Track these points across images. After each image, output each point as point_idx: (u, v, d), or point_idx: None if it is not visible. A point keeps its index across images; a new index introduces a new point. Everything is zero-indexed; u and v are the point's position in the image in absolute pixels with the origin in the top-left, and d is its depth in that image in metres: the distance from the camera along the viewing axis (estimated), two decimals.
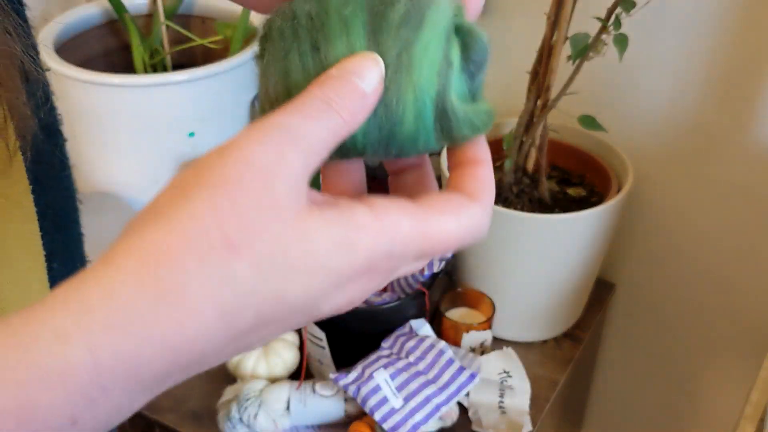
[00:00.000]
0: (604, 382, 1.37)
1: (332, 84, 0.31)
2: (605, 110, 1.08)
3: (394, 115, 0.32)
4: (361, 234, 0.29)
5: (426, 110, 0.32)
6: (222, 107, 1.12)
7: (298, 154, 0.29)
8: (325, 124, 0.30)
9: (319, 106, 0.30)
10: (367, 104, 0.31)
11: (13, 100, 0.35)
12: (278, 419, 0.91)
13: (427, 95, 0.32)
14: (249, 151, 0.28)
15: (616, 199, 0.98)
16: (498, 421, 0.94)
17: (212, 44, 1.16)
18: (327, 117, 0.30)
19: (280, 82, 0.33)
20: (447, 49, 0.33)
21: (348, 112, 0.31)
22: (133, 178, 1.12)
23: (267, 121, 0.29)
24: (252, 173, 0.27)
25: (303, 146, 0.29)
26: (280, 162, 0.28)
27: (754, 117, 1.02)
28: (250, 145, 0.28)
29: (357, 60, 0.31)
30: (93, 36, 1.21)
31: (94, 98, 1.05)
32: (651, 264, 1.21)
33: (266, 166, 0.28)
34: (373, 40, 0.32)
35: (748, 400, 0.92)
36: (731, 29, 0.99)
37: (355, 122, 0.31)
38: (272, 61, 0.33)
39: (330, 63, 0.32)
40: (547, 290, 1.04)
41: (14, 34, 0.34)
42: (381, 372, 0.88)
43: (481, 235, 0.33)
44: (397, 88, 0.32)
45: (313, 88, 0.31)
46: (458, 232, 0.32)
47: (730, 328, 1.19)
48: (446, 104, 0.33)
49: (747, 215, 1.09)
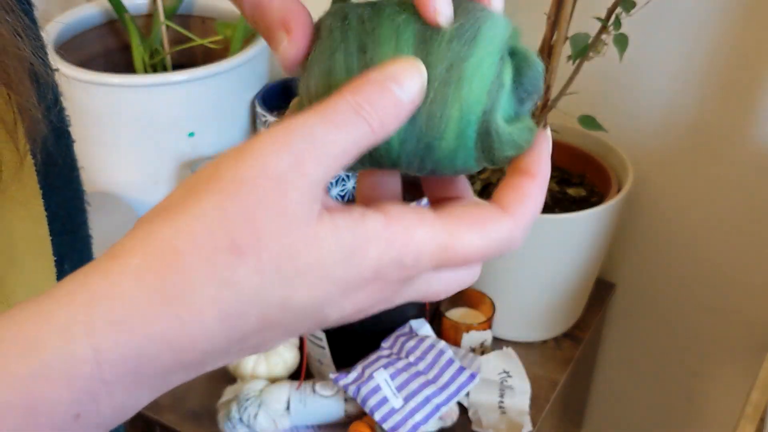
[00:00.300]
0: (604, 382, 1.37)
1: (366, 89, 0.30)
2: (605, 110, 1.08)
3: (436, 128, 0.31)
4: (371, 243, 0.29)
5: (470, 128, 0.31)
6: (222, 107, 1.12)
7: (316, 163, 0.28)
8: (350, 133, 0.29)
9: (347, 113, 0.29)
10: (401, 113, 0.30)
11: (23, 103, 0.35)
12: (278, 419, 0.91)
13: (473, 113, 0.31)
14: (266, 156, 0.27)
15: (616, 199, 0.98)
16: (498, 421, 0.94)
17: (212, 44, 1.16)
18: (354, 125, 0.29)
19: (322, 80, 0.32)
20: (500, 69, 0.32)
21: (378, 121, 0.29)
22: (133, 178, 1.12)
23: (290, 124, 0.28)
24: (265, 179, 0.27)
25: (322, 155, 0.28)
26: (296, 170, 0.28)
27: (754, 117, 1.03)
28: (267, 150, 0.28)
29: (399, 65, 0.30)
30: (93, 36, 1.21)
31: (94, 98, 1.05)
32: (651, 264, 1.21)
33: (281, 173, 0.27)
34: (422, 49, 0.31)
35: (748, 400, 0.92)
36: (731, 29, 0.99)
37: (384, 132, 0.30)
38: (317, 58, 0.32)
39: (374, 66, 0.31)
40: (547, 290, 1.04)
41: (24, 36, 0.34)
42: (381, 372, 0.88)
43: (510, 249, 0.32)
44: (442, 101, 0.31)
45: (345, 91, 0.29)
46: (482, 244, 0.31)
47: (730, 328, 1.19)
48: (491, 125, 0.31)
49: (747, 215, 1.09)
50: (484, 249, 0.31)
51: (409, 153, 0.32)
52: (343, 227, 0.28)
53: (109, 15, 1.22)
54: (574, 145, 1.10)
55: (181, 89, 1.06)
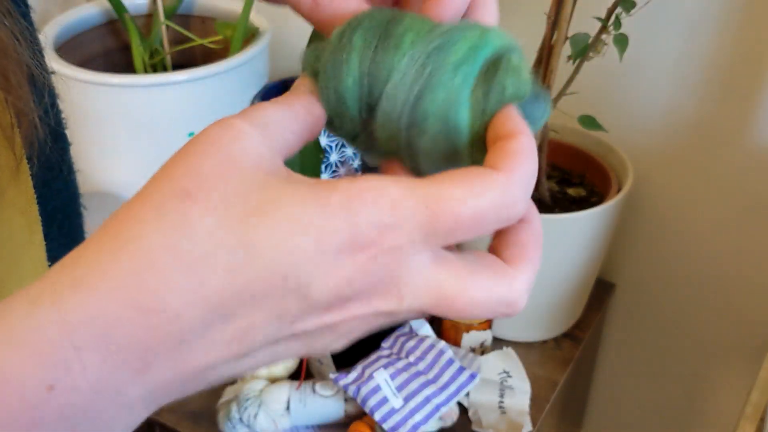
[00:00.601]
0: (604, 382, 1.37)
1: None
2: (605, 110, 1.08)
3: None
4: (333, 192, 0.26)
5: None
6: (222, 107, 1.12)
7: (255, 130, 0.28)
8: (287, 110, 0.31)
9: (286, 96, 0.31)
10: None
11: (21, 107, 0.35)
12: (278, 419, 0.91)
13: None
14: (207, 130, 0.28)
15: (616, 199, 0.98)
16: (498, 421, 0.94)
17: (212, 44, 1.16)
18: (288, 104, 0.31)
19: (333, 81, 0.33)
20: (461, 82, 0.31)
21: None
22: (132, 178, 1.12)
23: (246, 110, 0.30)
24: (206, 140, 0.27)
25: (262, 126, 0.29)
26: (237, 136, 0.28)
27: (754, 117, 1.02)
28: (210, 126, 0.28)
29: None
30: (93, 36, 1.21)
31: (94, 98, 1.05)
32: (651, 264, 1.21)
33: (221, 135, 0.28)
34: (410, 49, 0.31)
35: (748, 400, 0.92)
36: (731, 29, 0.99)
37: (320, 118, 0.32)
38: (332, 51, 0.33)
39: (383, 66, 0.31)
40: (547, 290, 1.04)
41: (22, 39, 0.34)
42: (381, 372, 0.88)
43: (513, 210, 0.27)
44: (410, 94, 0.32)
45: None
46: (471, 202, 0.26)
47: (730, 328, 1.19)
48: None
49: (747, 215, 1.09)
50: (477, 209, 0.26)
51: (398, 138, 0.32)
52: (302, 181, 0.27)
53: (109, 15, 1.22)
54: (574, 145, 1.10)
55: (181, 89, 1.06)
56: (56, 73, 0.44)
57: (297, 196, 0.26)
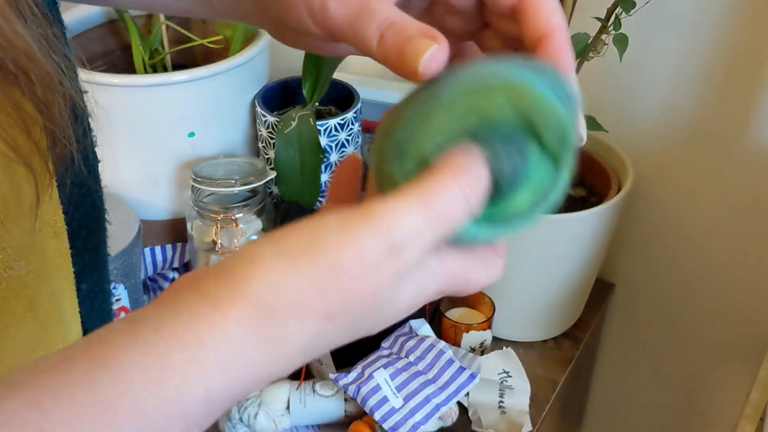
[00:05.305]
0: (604, 382, 1.37)
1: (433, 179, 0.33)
2: (605, 110, 1.08)
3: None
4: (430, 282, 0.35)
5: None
6: (222, 107, 1.12)
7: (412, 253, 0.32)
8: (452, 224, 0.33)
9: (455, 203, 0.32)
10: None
11: (58, 134, 0.37)
12: (278, 419, 0.91)
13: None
14: (363, 244, 0.31)
15: (616, 199, 0.98)
16: (498, 421, 0.94)
17: (212, 44, 1.16)
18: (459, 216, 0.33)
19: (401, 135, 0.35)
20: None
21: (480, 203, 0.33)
22: (132, 178, 1.12)
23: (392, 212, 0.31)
24: (360, 267, 0.31)
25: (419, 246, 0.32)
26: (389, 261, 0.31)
27: (754, 117, 1.03)
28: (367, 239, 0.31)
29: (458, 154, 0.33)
30: (93, 36, 1.21)
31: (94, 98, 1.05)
32: (651, 264, 1.21)
33: (375, 263, 0.31)
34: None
35: (748, 400, 0.92)
36: (731, 29, 0.99)
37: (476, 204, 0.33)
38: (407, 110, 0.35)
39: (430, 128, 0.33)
40: (547, 290, 1.04)
41: (66, 72, 0.36)
42: (381, 372, 0.88)
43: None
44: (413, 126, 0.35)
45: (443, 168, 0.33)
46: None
47: (730, 328, 1.19)
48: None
49: (747, 215, 1.09)
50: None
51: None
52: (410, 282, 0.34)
53: (109, 15, 1.22)
54: None
55: (181, 89, 1.06)
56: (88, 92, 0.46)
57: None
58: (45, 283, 0.44)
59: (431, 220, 0.32)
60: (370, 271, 0.31)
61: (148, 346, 0.30)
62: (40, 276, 0.43)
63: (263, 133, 1.12)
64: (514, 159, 0.34)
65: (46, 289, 0.44)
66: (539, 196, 0.35)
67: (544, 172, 0.34)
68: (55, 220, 0.44)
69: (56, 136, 0.37)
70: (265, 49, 1.15)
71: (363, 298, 0.31)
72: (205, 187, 1.04)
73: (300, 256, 0.31)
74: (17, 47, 0.32)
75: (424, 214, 0.31)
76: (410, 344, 0.93)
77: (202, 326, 0.30)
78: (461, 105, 0.33)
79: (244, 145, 1.18)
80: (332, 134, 1.09)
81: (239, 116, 1.15)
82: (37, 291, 0.43)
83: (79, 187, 0.46)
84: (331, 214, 0.32)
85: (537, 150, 0.34)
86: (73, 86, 0.39)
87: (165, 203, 1.14)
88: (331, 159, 1.10)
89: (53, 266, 0.45)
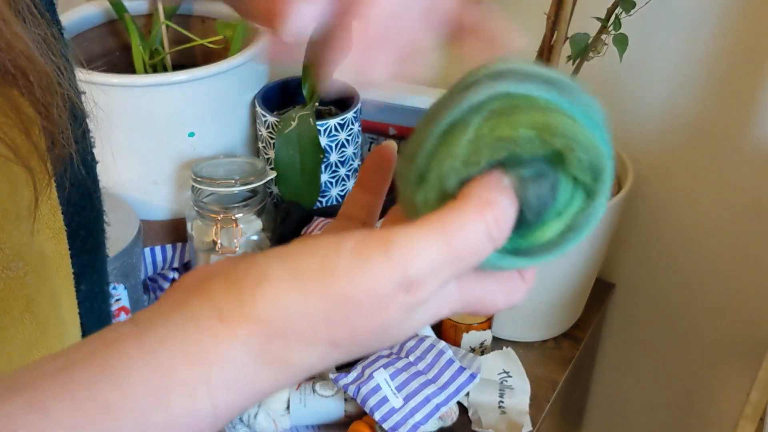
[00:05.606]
0: (604, 382, 1.37)
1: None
2: (605, 110, 1.08)
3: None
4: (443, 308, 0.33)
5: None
6: (222, 107, 1.12)
7: (427, 290, 0.31)
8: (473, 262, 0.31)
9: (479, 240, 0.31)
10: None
11: (57, 134, 0.37)
12: (278, 419, 0.91)
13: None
14: (374, 272, 0.30)
15: (616, 199, 0.98)
16: (498, 421, 0.94)
17: (212, 44, 1.16)
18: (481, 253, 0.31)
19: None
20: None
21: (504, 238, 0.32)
22: (132, 178, 1.12)
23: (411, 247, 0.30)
24: (371, 302, 0.30)
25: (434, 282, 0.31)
26: (402, 298, 0.30)
27: (754, 117, 1.02)
28: (377, 266, 0.30)
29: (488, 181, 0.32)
30: (93, 36, 1.21)
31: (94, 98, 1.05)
32: (651, 264, 1.21)
33: (388, 299, 0.30)
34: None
35: (747, 400, 0.93)
36: (731, 29, 0.99)
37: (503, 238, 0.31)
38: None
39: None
40: (547, 290, 1.04)
41: (65, 73, 0.36)
42: (381, 372, 0.88)
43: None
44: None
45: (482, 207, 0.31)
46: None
47: (730, 328, 1.19)
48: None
49: (747, 215, 1.09)
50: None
51: None
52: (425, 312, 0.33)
53: (109, 15, 1.22)
54: None
55: (181, 89, 1.06)
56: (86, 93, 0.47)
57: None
58: (44, 284, 0.44)
59: (451, 258, 0.30)
60: (381, 306, 0.30)
61: (155, 357, 0.30)
62: (38, 277, 0.43)
63: (263, 133, 1.12)
64: (544, 191, 0.32)
65: (45, 289, 0.44)
66: (569, 228, 0.33)
67: (576, 204, 0.32)
68: (54, 221, 0.44)
69: (55, 137, 0.37)
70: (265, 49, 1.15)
71: (372, 331, 0.31)
72: (205, 187, 1.04)
73: (312, 281, 0.30)
74: (16, 48, 0.32)
75: (445, 251, 0.30)
76: (410, 344, 0.93)
77: (209, 342, 0.30)
78: (485, 133, 0.31)
79: (244, 145, 1.18)
80: (332, 134, 1.09)
81: (239, 116, 1.15)
82: (35, 292, 0.43)
83: (77, 188, 0.46)
84: (348, 239, 0.31)
85: (569, 180, 0.32)
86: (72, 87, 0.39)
87: (165, 203, 1.14)
88: (331, 159, 1.10)
89: (52, 267, 0.45)
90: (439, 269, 0.30)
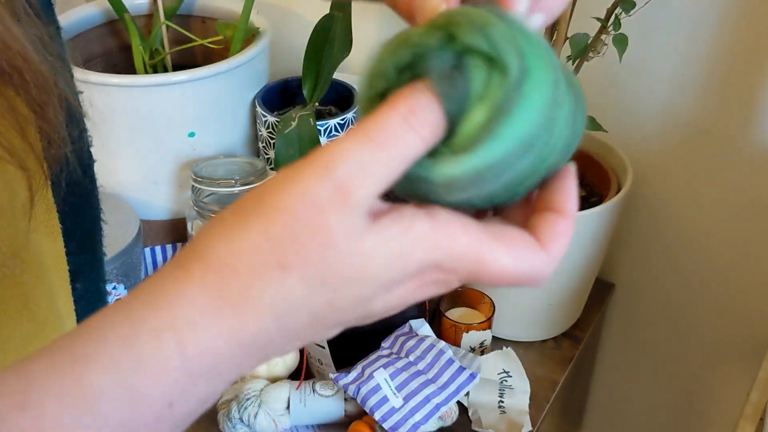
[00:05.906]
0: (604, 382, 1.37)
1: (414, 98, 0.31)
2: (605, 110, 1.08)
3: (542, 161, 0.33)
4: (417, 247, 0.31)
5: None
6: (222, 107, 1.12)
7: (359, 188, 0.30)
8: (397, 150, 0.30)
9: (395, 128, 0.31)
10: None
11: (53, 134, 0.38)
12: (278, 419, 0.91)
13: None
14: (307, 184, 0.30)
15: (616, 199, 0.98)
16: (498, 421, 0.94)
17: (212, 44, 1.16)
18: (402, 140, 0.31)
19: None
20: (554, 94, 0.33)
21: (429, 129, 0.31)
22: (132, 178, 1.12)
23: (333, 149, 0.30)
24: (306, 207, 0.30)
25: (366, 178, 0.30)
26: (337, 197, 0.30)
27: (754, 117, 1.03)
28: (309, 178, 0.30)
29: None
30: (93, 36, 1.21)
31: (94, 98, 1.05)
32: (651, 264, 1.21)
33: (322, 202, 0.30)
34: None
35: (747, 400, 0.93)
36: (731, 29, 0.99)
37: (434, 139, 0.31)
38: None
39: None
40: (547, 290, 1.04)
41: (61, 72, 0.36)
42: (381, 372, 0.88)
43: (539, 283, 0.34)
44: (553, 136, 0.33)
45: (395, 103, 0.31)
46: (513, 271, 0.32)
47: (730, 328, 1.19)
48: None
49: (747, 215, 1.09)
50: (515, 274, 0.33)
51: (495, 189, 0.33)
52: (391, 238, 0.31)
53: (109, 15, 1.22)
54: None
55: (181, 89, 1.06)
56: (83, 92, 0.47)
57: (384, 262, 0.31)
58: (40, 282, 0.44)
59: (377, 153, 0.30)
60: (318, 213, 0.29)
61: (127, 309, 0.31)
62: (35, 275, 0.43)
63: (263, 133, 1.12)
64: (456, 78, 0.31)
65: (42, 288, 0.44)
66: (496, 112, 0.31)
67: (495, 83, 0.31)
68: (49, 220, 0.45)
69: (51, 136, 0.37)
70: (265, 49, 1.15)
71: (317, 244, 0.30)
72: (205, 187, 1.04)
73: (250, 209, 0.31)
74: (12, 48, 0.32)
75: (364, 143, 0.30)
76: (410, 344, 0.93)
77: (171, 287, 0.31)
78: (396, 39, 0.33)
79: (244, 145, 1.18)
80: (332, 134, 1.09)
81: (239, 116, 1.15)
82: (32, 290, 0.43)
83: (74, 188, 0.46)
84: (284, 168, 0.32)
85: (480, 61, 0.31)
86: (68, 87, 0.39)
87: (165, 203, 1.15)
88: None
89: (48, 265, 0.45)
90: (366, 164, 0.30)
